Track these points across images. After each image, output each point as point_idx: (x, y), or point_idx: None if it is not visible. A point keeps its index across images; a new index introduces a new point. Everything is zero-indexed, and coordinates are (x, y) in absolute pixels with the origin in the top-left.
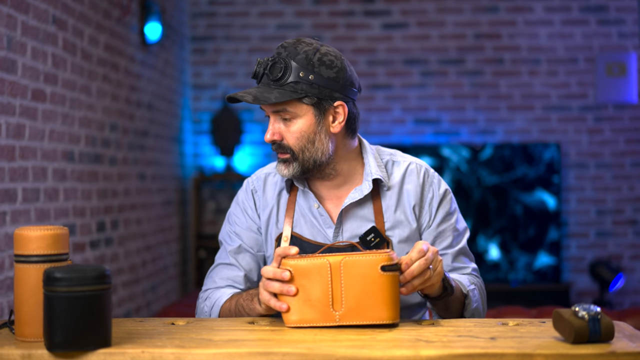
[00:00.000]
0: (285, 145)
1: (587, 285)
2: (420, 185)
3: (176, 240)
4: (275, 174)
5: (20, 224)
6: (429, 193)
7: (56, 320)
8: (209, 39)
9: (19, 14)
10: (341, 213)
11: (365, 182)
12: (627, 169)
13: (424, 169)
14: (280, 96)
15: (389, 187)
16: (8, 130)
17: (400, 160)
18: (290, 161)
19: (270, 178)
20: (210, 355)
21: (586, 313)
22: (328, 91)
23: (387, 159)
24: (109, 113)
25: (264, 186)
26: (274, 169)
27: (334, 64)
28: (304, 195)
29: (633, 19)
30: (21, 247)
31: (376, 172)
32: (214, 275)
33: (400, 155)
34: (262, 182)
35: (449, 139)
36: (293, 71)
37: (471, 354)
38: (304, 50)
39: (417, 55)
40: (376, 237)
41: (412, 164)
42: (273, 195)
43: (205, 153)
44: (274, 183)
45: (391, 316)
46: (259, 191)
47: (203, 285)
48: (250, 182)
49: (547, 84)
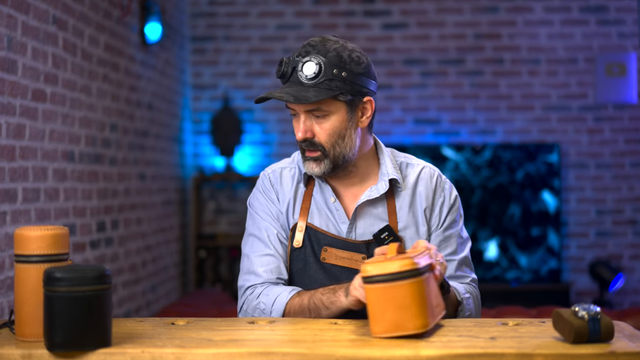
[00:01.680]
0: (317, 143)
1: (587, 285)
2: (432, 189)
3: (176, 240)
4: (291, 169)
5: (20, 224)
6: (440, 197)
7: (56, 320)
8: (209, 39)
9: (19, 14)
10: (356, 210)
11: (382, 182)
12: (627, 169)
13: (437, 174)
14: (318, 94)
15: (404, 188)
16: (8, 130)
17: (414, 163)
18: (321, 159)
19: (286, 172)
20: (210, 355)
21: (586, 313)
22: (359, 87)
23: (401, 160)
24: (109, 113)
25: (281, 179)
26: (288, 164)
27: (361, 60)
28: (321, 190)
29: (633, 19)
30: (21, 247)
31: (392, 173)
32: (254, 268)
33: (414, 159)
34: (279, 175)
35: (449, 139)
36: (327, 69)
37: (471, 354)
38: (334, 48)
39: (417, 55)
40: (390, 236)
41: (425, 167)
42: (290, 189)
43: (205, 153)
44: (291, 177)
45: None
46: (276, 184)
47: (242, 280)
48: (266, 174)
49: (547, 84)
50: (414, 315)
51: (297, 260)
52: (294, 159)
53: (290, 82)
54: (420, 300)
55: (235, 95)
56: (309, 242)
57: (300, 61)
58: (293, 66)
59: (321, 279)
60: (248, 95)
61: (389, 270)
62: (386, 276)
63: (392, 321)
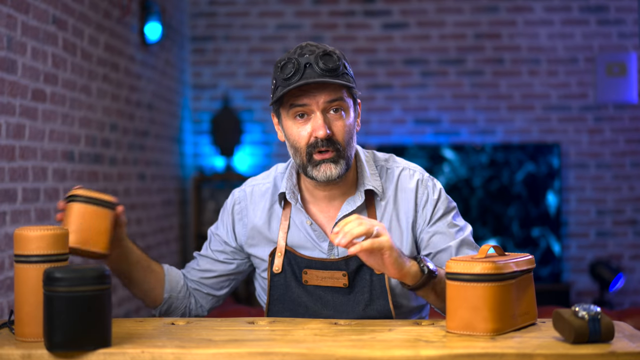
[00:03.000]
0: (335, 141)
1: (587, 285)
2: (413, 191)
3: (176, 240)
4: (265, 185)
5: (20, 224)
6: (422, 197)
7: (56, 320)
8: (209, 39)
9: (19, 13)
10: (334, 226)
11: (358, 193)
12: (627, 169)
13: (417, 174)
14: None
15: (382, 197)
16: (8, 130)
17: (393, 167)
18: (337, 159)
19: (257, 190)
20: (210, 355)
21: (586, 313)
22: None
23: (381, 164)
24: (109, 113)
25: (251, 199)
26: (262, 180)
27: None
28: (298, 211)
29: (633, 19)
30: (21, 247)
31: (369, 183)
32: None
33: (393, 161)
34: (249, 195)
35: (449, 139)
36: (342, 63)
37: (471, 354)
38: (334, 48)
39: (417, 55)
40: None
41: (405, 169)
42: (263, 209)
43: (205, 153)
44: (262, 195)
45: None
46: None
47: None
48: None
49: (547, 84)
50: (484, 318)
51: (277, 286)
52: (270, 173)
53: (305, 78)
54: (493, 304)
55: (235, 95)
56: (289, 266)
57: (313, 56)
58: (306, 62)
59: (305, 302)
60: (248, 95)
61: (468, 270)
62: (464, 275)
63: (464, 320)
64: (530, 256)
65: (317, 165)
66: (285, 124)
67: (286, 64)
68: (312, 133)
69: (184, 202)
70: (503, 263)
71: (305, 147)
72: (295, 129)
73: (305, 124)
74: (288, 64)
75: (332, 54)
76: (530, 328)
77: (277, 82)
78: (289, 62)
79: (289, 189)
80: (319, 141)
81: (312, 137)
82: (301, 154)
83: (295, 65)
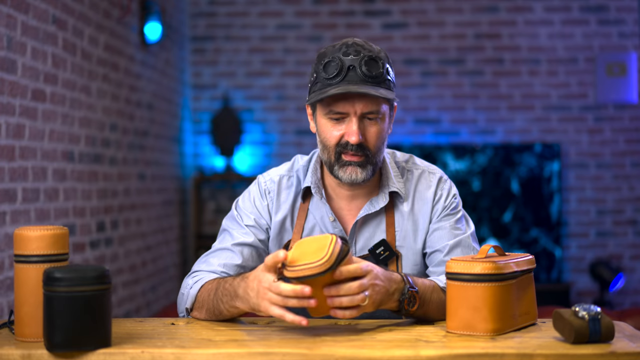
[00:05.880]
0: (366, 147)
1: (587, 285)
2: (433, 192)
3: (176, 240)
4: (290, 177)
5: (20, 224)
6: (437, 196)
7: (56, 320)
8: (209, 39)
9: (19, 13)
10: (355, 223)
11: (382, 194)
12: (627, 169)
13: (438, 177)
14: (387, 93)
15: (405, 199)
16: (8, 130)
17: (413, 169)
18: (365, 164)
19: (284, 181)
20: (210, 355)
21: (586, 313)
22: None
23: (402, 166)
24: (109, 113)
25: (278, 189)
26: (286, 172)
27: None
28: (319, 205)
29: (633, 19)
30: (21, 247)
31: (393, 185)
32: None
33: (413, 163)
34: (276, 185)
35: (449, 139)
36: (386, 69)
37: (471, 354)
38: (379, 49)
39: (417, 55)
40: (386, 251)
41: (424, 172)
42: (286, 200)
43: (205, 153)
44: (288, 187)
45: None
46: (273, 194)
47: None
48: (263, 182)
49: (547, 84)
50: (484, 318)
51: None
52: (293, 166)
53: (347, 81)
54: (493, 304)
55: (235, 95)
56: None
57: (358, 59)
58: (350, 64)
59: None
60: (248, 95)
61: (468, 270)
62: (464, 275)
63: (464, 320)
64: (531, 256)
65: (344, 166)
66: (319, 120)
67: (330, 62)
68: (344, 136)
69: (184, 202)
70: (503, 263)
71: (334, 147)
72: (329, 128)
73: (340, 125)
74: (332, 63)
75: (377, 60)
76: (530, 328)
77: (317, 76)
78: (333, 61)
79: (314, 183)
80: (349, 145)
81: (344, 139)
82: (330, 152)
83: (339, 66)
